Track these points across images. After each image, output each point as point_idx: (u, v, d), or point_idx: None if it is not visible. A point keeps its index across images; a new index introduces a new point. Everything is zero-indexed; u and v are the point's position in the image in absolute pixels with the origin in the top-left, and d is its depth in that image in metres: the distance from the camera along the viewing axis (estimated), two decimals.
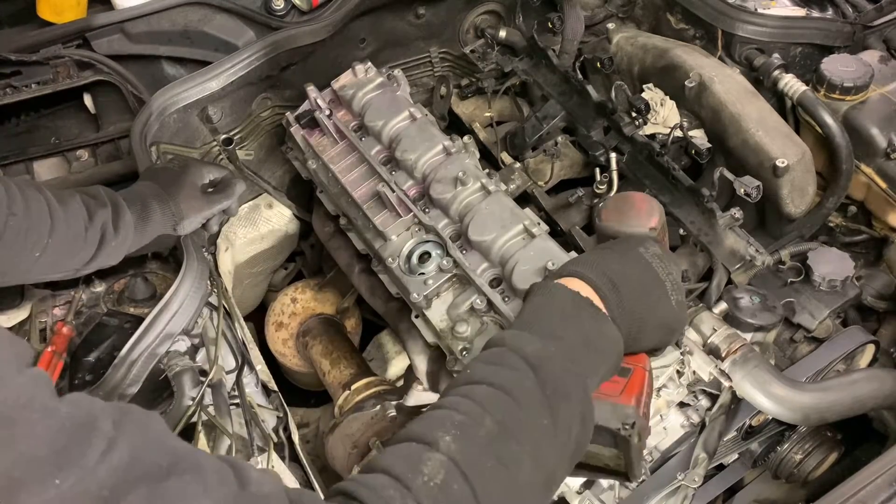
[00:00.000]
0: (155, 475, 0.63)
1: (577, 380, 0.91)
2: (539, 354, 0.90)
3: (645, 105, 1.83)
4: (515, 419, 0.84)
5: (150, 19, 1.95)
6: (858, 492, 1.24)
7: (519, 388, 0.86)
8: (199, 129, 1.91)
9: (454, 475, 0.78)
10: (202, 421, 1.42)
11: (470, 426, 0.82)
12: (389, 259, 1.59)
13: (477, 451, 0.80)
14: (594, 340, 0.95)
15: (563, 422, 0.87)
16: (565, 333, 0.93)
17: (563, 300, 0.97)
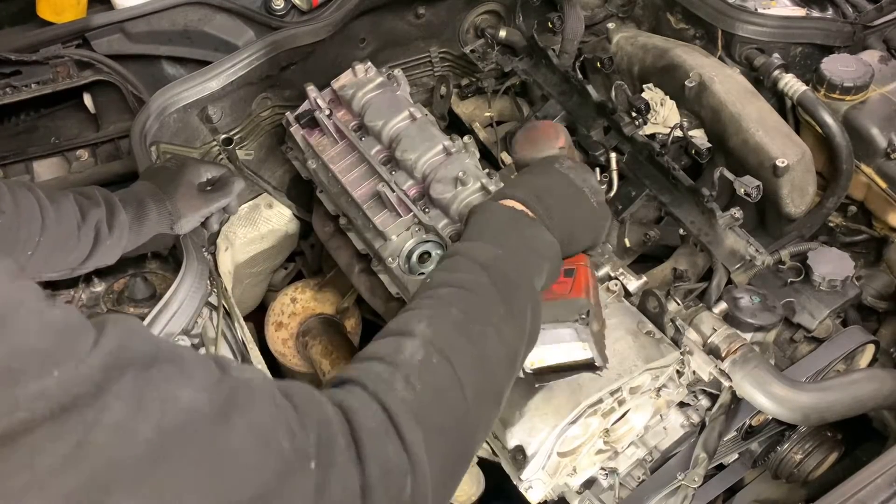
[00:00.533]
0: (141, 362, 0.66)
1: (524, 275, 1.04)
2: (489, 257, 1.03)
3: (645, 105, 1.83)
4: (476, 308, 0.97)
5: (150, 19, 1.95)
6: (858, 492, 1.24)
7: (476, 285, 0.99)
8: (199, 129, 1.91)
9: (432, 352, 0.89)
10: None
11: (438, 316, 0.94)
12: (389, 259, 1.59)
13: (448, 333, 0.92)
14: (533, 244, 1.08)
15: (518, 309, 1.00)
16: (507, 241, 1.06)
17: (501, 215, 1.11)
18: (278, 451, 0.71)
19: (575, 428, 1.28)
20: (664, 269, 1.77)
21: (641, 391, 1.34)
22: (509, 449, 1.28)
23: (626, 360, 1.29)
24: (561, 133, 1.40)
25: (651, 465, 1.51)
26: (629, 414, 1.39)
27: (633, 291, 1.47)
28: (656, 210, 1.85)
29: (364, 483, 0.76)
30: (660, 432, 1.50)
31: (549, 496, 1.40)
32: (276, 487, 0.70)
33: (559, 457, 1.32)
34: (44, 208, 1.31)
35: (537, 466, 1.29)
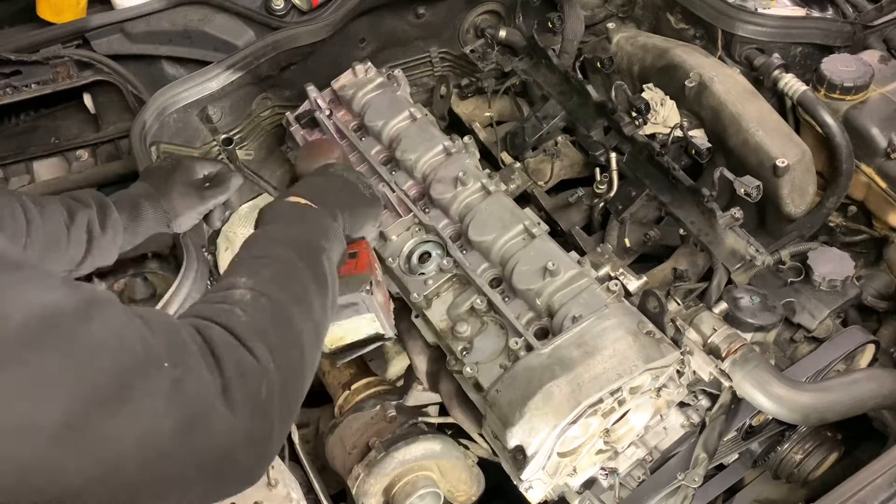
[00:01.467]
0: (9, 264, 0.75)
1: (317, 247, 1.19)
2: (285, 236, 1.18)
3: (645, 105, 1.83)
4: (286, 270, 1.11)
5: (150, 19, 1.95)
6: (858, 492, 1.24)
7: (279, 255, 1.13)
8: (199, 129, 1.91)
9: (257, 295, 1.02)
10: None
11: (254, 274, 1.07)
12: (389, 259, 1.59)
13: (267, 282, 1.06)
14: (318, 227, 1.24)
15: (319, 271, 1.15)
16: (297, 224, 1.22)
17: (288, 206, 1.26)
18: (132, 350, 0.78)
19: (575, 428, 1.28)
20: (664, 269, 1.77)
21: (641, 391, 1.34)
22: (509, 449, 1.28)
23: (626, 360, 1.29)
24: (336, 147, 1.59)
25: (651, 465, 1.51)
26: (629, 414, 1.39)
27: (633, 291, 1.47)
28: (656, 210, 1.85)
29: (224, 384, 0.85)
30: (660, 432, 1.50)
31: (549, 496, 1.41)
32: (133, 381, 0.76)
33: (559, 457, 1.32)
34: (27, 210, 1.31)
35: (537, 466, 1.29)
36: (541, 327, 1.42)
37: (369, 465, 1.56)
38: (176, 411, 0.79)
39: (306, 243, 1.18)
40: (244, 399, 0.87)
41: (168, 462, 0.80)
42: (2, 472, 0.69)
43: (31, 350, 0.70)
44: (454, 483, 1.66)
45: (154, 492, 0.81)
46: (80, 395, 0.72)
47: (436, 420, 1.68)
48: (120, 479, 0.77)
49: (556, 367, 1.30)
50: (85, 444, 0.73)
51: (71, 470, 0.73)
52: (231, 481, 0.90)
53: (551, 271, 1.41)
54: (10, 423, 0.68)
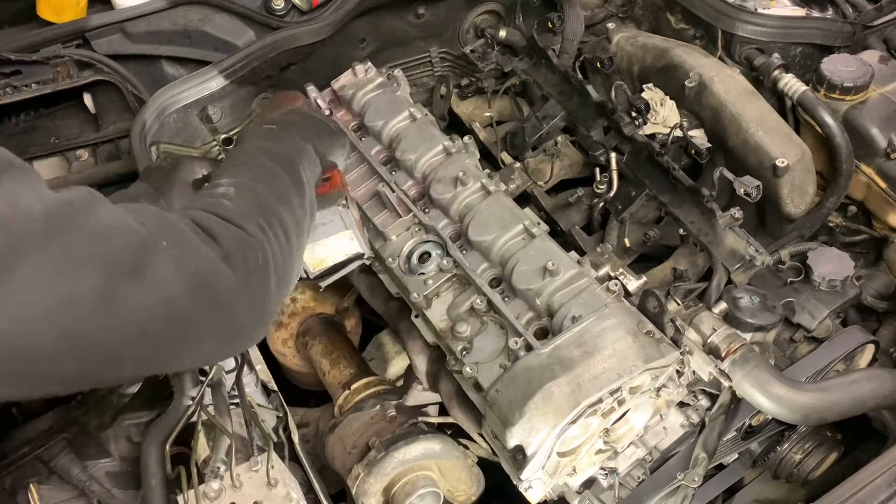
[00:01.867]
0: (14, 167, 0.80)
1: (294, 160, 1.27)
2: (265, 148, 1.27)
3: (645, 105, 1.83)
4: (266, 171, 1.20)
5: (150, 19, 1.95)
6: (858, 492, 1.24)
7: (262, 162, 1.21)
8: (199, 129, 1.91)
9: (240, 189, 1.11)
10: (202, 421, 1.42)
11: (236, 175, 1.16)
12: (389, 259, 1.59)
13: (248, 180, 1.15)
14: (293, 144, 1.32)
15: (296, 177, 1.24)
16: (275, 142, 1.30)
17: (261, 129, 1.35)
18: (137, 231, 0.88)
19: (575, 428, 1.28)
20: (664, 269, 1.77)
21: (641, 391, 1.34)
22: (509, 449, 1.28)
23: (626, 360, 1.29)
24: (299, 97, 1.64)
25: (651, 465, 1.51)
26: (629, 414, 1.39)
27: (633, 291, 1.47)
28: (656, 210, 1.85)
29: (223, 253, 0.96)
30: (660, 432, 1.50)
31: (549, 496, 1.41)
32: (144, 255, 0.86)
33: (559, 457, 1.32)
34: None
35: (537, 466, 1.29)
36: (541, 327, 1.42)
37: (369, 464, 1.56)
38: (184, 276, 0.90)
39: (282, 155, 1.26)
40: (242, 264, 0.98)
41: (186, 321, 0.91)
42: (55, 342, 0.79)
43: (59, 235, 0.78)
44: (454, 483, 1.66)
45: (176, 349, 0.94)
46: (107, 269, 0.82)
47: (436, 420, 1.68)
48: (149, 339, 0.88)
49: (556, 366, 1.30)
50: (119, 311, 0.83)
51: (111, 334, 0.84)
52: (237, 337, 1.02)
53: (551, 271, 1.41)
54: (55, 299, 0.77)
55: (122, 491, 1.43)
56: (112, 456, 1.46)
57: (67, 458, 1.39)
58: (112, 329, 0.83)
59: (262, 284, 1.01)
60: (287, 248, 1.11)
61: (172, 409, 1.41)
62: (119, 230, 0.85)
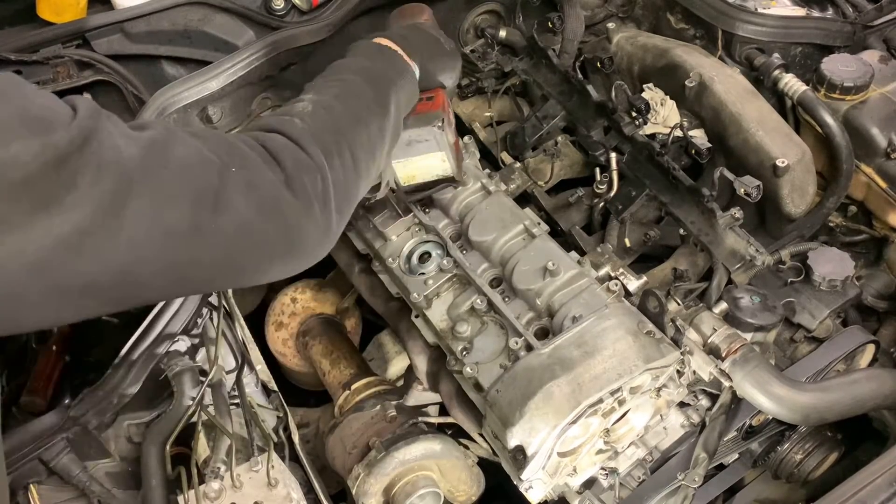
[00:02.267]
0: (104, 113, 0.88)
1: (389, 79, 1.29)
2: (360, 66, 1.29)
3: (645, 105, 1.83)
4: (351, 90, 1.23)
5: (150, 19, 1.95)
6: (858, 492, 1.24)
7: (350, 81, 1.25)
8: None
9: (317, 107, 1.15)
10: (202, 421, 1.42)
11: (320, 91, 1.21)
12: (389, 259, 1.59)
13: (329, 98, 1.18)
14: (394, 64, 1.33)
15: (382, 98, 1.26)
16: (375, 60, 1.32)
17: (371, 46, 1.36)
18: (211, 161, 0.93)
19: (575, 428, 1.28)
20: (664, 269, 1.77)
21: (641, 391, 1.34)
22: (509, 449, 1.28)
23: (626, 360, 1.29)
24: (426, 11, 1.61)
25: (651, 465, 1.51)
26: (629, 414, 1.39)
27: (633, 291, 1.47)
28: (656, 210, 1.85)
29: (286, 177, 1.01)
30: (660, 432, 1.50)
31: (549, 496, 1.41)
32: (219, 186, 0.92)
33: (559, 457, 1.32)
34: None
35: (537, 466, 1.29)
36: (541, 327, 1.42)
37: (369, 465, 1.56)
38: (254, 203, 0.96)
39: (377, 74, 1.28)
40: (303, 188, 1.02)
41: (260, 242, 0.99)
42: (163, 272, 0.89)
43: (153, 173, 0.86)
44: (454, 483, 1.66)
45: (256, 267, 1.03)
46: (193, 202, 0.89)
47: (436, 420, 1.68)
48: (234, 262, 0.98)
49: (557, 367, 1.30)
50: (208, 239, 0.92)
51: (204, 261, 0.93)
52: (303, 257, 1.09)
53: (551, 271, 1.41)
54: (159, 231, 0.86)
55: (122, 491, 1.43)
56: (112, 456, 1.46)
57: (67, 458, 1.39)
58: (204, 256, 0.93)
59: (324, 211, 1.06)
60: (353, 174, 1.14)
61: (172, 409, 1.42)
62: (197, 163, 0.93)
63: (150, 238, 0.85)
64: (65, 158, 0.77)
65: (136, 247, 0.84)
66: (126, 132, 0.87)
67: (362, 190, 1.20)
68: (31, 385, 1.55)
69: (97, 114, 0.84)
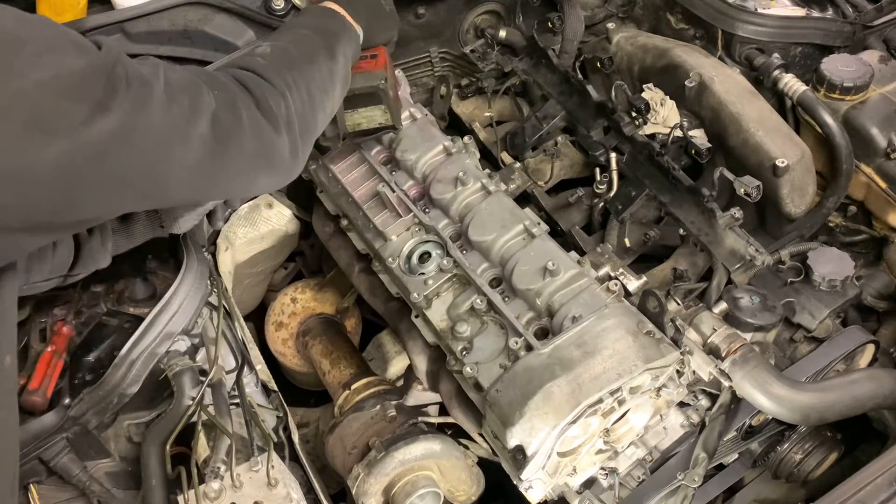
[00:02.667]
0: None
1: (335, 35, 1.42)
2: (311, 23, 1.43)
3: (645, 105, 1.83)
4: (303, 39, 1.36)
5: (150, 19, 1.95)
6: (858, 492, 1.24)
7: (302, 32, 1.37)
8: None
9: (275, 48, 1.29)
10: (202, 421, 1.42)
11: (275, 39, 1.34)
12: (389, 259, 1.59)
13: (285, 42, 1.32)
14: (338, 23, 1.45)
15: (331, 47, 1.38)
16: (321, 21, 1.44)
17: (317, 9, 1.49)
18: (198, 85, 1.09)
19: (575, 428, 1.28)
20: (664, 269, 1.77)
21: (641, 391, 1.34)
22: (509, 449, 1.28)
23: (626, 360, 1.29)
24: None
25: (651, 465, 1.51)
26: (629, 414, 1.39)
27: (633, 291, 1.47)
28: (656, 210, 1.85)
29: (255, 100, 1.16)
30: (660, 432, 1.50)
31: (549, 496, 1.41)
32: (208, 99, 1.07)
33: (559, 457, 1.32)
34: None
35: (537, 466, 1.29)
36: (541, 327, 1.42)
37: (369, 464, 1.56)
38: (236, 119, 1.11)
39: (325, 28, 1.42)
40: (270, 110, 1.17)
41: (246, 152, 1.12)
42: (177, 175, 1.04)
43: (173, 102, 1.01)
44: (454, 483, 1.66)
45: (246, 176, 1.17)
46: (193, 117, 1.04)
47: (436, 420, 1.68)
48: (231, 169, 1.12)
49: (556, 366, 1.30)
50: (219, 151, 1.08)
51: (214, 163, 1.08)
52: (279, 171, 1.23)
53: (551, 271, 1.41)
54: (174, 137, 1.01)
55: (122, 491, 1.43)
56: (112, 456, 1.46)
57: (67, 458, 1.39)
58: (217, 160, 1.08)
59: (290, 132, 1.20)
60: (309, 104, 1.27)
61: (172, 409, 1.42)
62: (190, 80, 1.08)
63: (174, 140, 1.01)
64: (107, 71, 0.93)
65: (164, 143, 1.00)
66: (143, 61, 1.05)
67: (320, 124, 1.33)
68: (31, 385, 1.55)
69: (115, 45, 1.00)
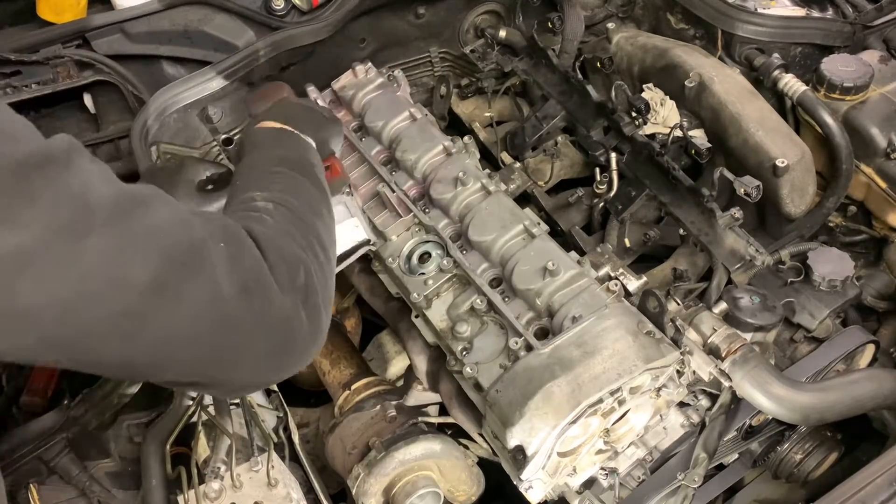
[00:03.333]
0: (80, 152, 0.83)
1: (309, 163, 1.29)
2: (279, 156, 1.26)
3: (645, 105, 1.83)
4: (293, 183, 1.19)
5: (150, 19, 1.95)
6: (858, 492, 1.24)
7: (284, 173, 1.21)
8: (199, 129, 1.91)
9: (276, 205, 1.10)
10: (202, 421, 1.42)
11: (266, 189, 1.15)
12: (389, 259, 1.59)
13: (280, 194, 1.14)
14: (300, 145, 1.32)
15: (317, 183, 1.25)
16: (283, 146, 1.31)
17: (268, 132, 1.34)
18: (197, 227, 0.89)
19: (575, 428, 1.28)
20: (664, 269, 1.77)
21: (641, 391, 1.34)
22: (509, 449, 1.28)
23: (626, 360, 1.29)
24: (285, 87, 1.64)
25: (651, 465, 1.51)
26: (629, 414, 1.39)
27: (633, 291, 1.47)
28: (656, 210, 1.85)
29: (269, 264, 0.96)
30: (660, 432, 1.50)
31: (549, 496, 1.41)
32: (201, 251, 0.87)
33: (559, 457, 1.32)
34: None
35: (537, 466, 1.29)
36: (541, 327, 1.42)
37: (369, 465, 1.56)
38: (237, 279, 0.90)
39: (298, 161, 1.27)
40: (288, 281, 0.98)
41: (237, 325, 0.91)
42: (98, 318, 0.80)
43: (124, 219, 0.81)
44: (454, 483, 1.66)
45: (230, 358, 0.94)
46: (162, 260, 0.83)
47: (436, 420, 1.68)
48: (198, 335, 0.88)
49: (556, 366, 1.30)
50: (167, 302, 0.83)
51: (161, 320, 0.84)
52: (292, 353, 1.01)
53: (551, 271, 1.41)
54: (108, 276, 0.79)
55: (122, 491, 1.43)
56: (112, 456, 1.46)
57: (67, 458, 1.39)
58: (162, 316, 0.84)
59: (307, 303, 1.00)
60: (327, 264, 1.11)
61: (172, 409, 1.42)
62: (181, 223, 0.88)
63: (104, 279, 0.79)
64: (23, 171, 0.73)
65: (87, 286, 0.78)
66: (108, 177, 0.83)
67: (333, 282, 1.15)
68: (31, 385, 1.55)
69: (71, 147, 0.80)
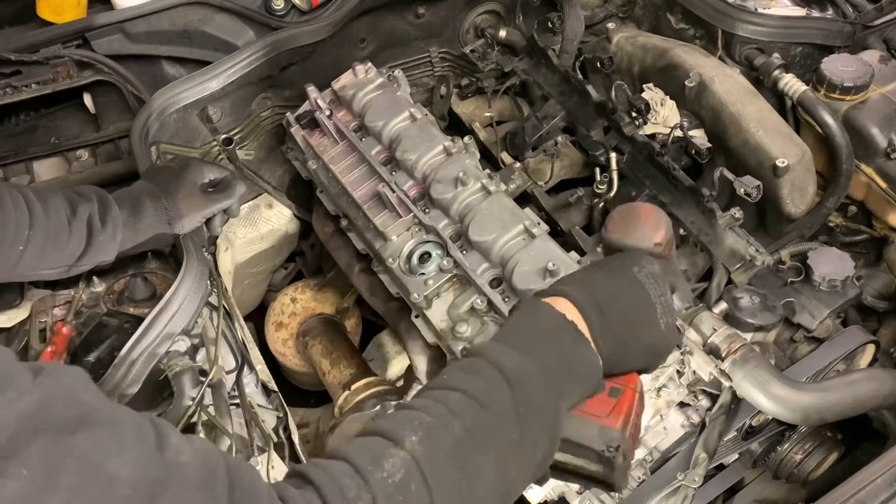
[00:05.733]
0: (60, 427, 0.63)
1: (550, 400, 0.92)
2: (517, 370, 0.91)
3: (645, 105, 1.83)
4: (484, 429, 0.85)
5: (150, 19, 1.95)
6: (858, 492, 1.23)
7: (492, 400, 0.87)
8: (199, 129, 1.91)
9: (414, 475, 0.79)
10: (202, 421, 1.41)
11: (438, 429, 0.83)
12: (389, 259, 1.59)
13: (441, 456, 0.81)
14: (573, 364, 0.96)
15: (531, 439, 0.89)
16: (545, 354, 0.95)
17: (548, 320, 0.98)
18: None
19: None
20: None
21: None
22: None
23: None
24: (662, 224, 1.29)
25: (651, 465, 1.51)
26: None
27: None
28: None
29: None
30: (660, 432, 1.49)
31: (549, 496, 1.40)
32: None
33: None
34: (30, 203, 1.32)
35: None
36: None
37: None
38: None
39: (541, 389, 0.92)
40: None
41: None
42: None
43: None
44: None
45: None
46: None
47: None
48: None
49: None
50: None
51: None
52: None
53: (551, 271, 1.41)
54: None
55: None
56: None
57: None
58: None
59: None
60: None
61: (172, 409, 1.41)
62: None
63: None
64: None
65: None
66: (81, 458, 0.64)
67: None
68: None
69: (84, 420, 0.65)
